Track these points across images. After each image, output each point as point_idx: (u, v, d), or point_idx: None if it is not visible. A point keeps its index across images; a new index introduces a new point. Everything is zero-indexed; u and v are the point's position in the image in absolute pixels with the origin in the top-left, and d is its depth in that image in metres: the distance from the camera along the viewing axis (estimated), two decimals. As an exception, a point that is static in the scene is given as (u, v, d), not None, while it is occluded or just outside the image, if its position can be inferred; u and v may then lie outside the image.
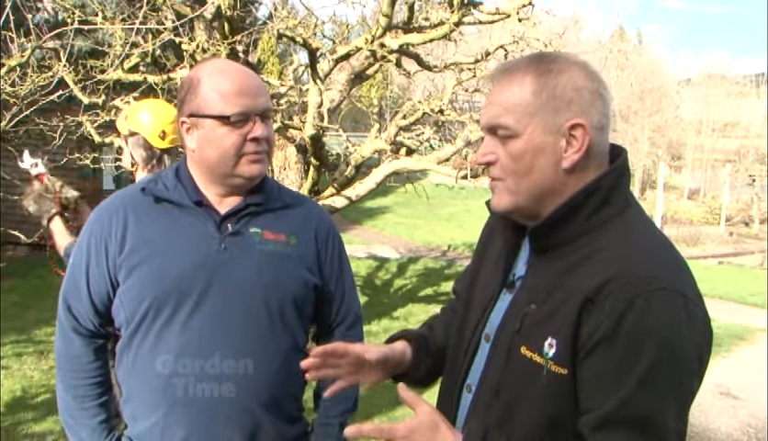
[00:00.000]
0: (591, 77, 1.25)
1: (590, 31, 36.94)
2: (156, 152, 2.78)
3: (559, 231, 1.25)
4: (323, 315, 1.88)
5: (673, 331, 1.13)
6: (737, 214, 27.46)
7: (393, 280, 11.54)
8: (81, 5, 6.66)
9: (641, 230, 1.27)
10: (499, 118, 1.26)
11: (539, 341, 1.21)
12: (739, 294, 11.82)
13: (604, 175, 1.25)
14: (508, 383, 1.27)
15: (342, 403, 1.87)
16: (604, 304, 1.14)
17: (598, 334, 1.14)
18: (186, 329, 1.62)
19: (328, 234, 1.84)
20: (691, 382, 1.17)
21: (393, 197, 19.95)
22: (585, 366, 1.16)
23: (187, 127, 1.67)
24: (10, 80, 5.42)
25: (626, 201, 1.28)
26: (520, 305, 1.29)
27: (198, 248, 1.65)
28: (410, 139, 6.92)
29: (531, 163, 1.24)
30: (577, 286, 1.19)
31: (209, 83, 1.63)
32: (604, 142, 1.27)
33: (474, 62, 6.77)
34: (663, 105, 33.80)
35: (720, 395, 6.29)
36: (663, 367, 1.12)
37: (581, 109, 1.22)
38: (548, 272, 1.26)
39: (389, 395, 5.53)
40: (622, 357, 1.12)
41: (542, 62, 1.26)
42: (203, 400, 1.63)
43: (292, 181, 6.87)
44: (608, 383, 1.14)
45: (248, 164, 1.65)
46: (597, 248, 1.22)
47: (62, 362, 1.79)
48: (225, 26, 5.60)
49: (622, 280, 1.15)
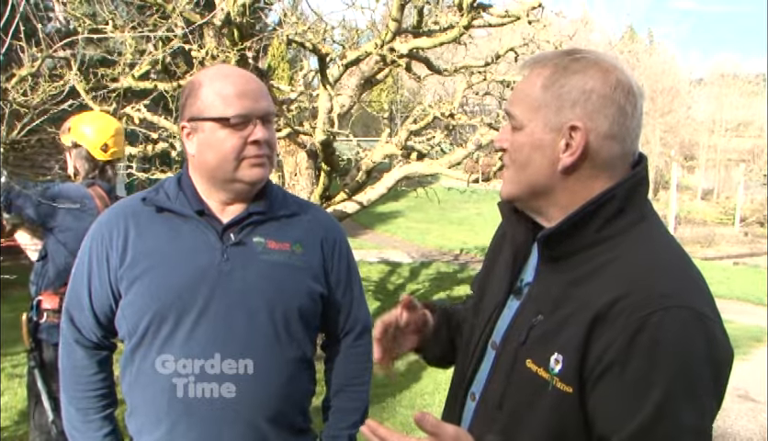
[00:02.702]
0: (608, 83, 1.19)
1: (600, 33, 36.83)
2: (99, 164, 2.83)
3: (570, 240, 1.21)
4: (330, 325, 1.85)
5: (689, 352, 1.07)
6: (751, 214, 27.26)
7: (406, 285, 11.52)
8: (92, 13, 6.69)
9: (656, 242, 1.21)
10: (511, 106, 1.27)
11: (545, 355, 1.17)
12: (756, 295, 11.71)
13: (619, 184, 1.20)
14: (512, 396, 1.24)
15: (351, 415, 1.84)
16: (616, 323, 1.09)
17: (610, 355, 1.09)
18: (189, 342, 1.60)
19: (335, 242, 1.80)
20: (710, 404, 1.11)
21: (405, 201, 19.96)
22: (598, 388, 1.11)
23: (188, 131, 1.64)
24: (22, 90, 5.44)
25: (642, 212, 1.23)
26: (527, 314, 1.25)
27: (200, 259, 1.62)
28: (420, 143, 6.90)
29: (528, 156, 1.23)
30: (587, 300, 1.14)
31: (210, 86, 1.61)
32: (614, 152, 1.20)
33: (484, 66, 6.75)
34: (675, 105, 33.63)
35: (739, 398, 6.21)
36: (680, 391, 1.06)
37: (585, 113, 1.18)
38: (557, 281, 1.22)
39: (399, 396, 5.51)
40: (637, 381, 1.08)
41: (565, 58, 1.23)
42: (205, 411, 1.60)
43: (303, 187, 6.86)
44: (624, 408, 1.09)
45: (249, 168, 1.62)
46: (609, 260, 1.17)
47: (66, 374, 1.77)
48: (234, 32, 5.60)
49: (634, 297, 1.09)
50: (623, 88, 1.19)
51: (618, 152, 1.21)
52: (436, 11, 6.45)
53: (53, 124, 6.44)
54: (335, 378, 1.87)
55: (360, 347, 1.87)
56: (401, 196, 18.67)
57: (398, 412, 5.20)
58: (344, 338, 1.87)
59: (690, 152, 35.45)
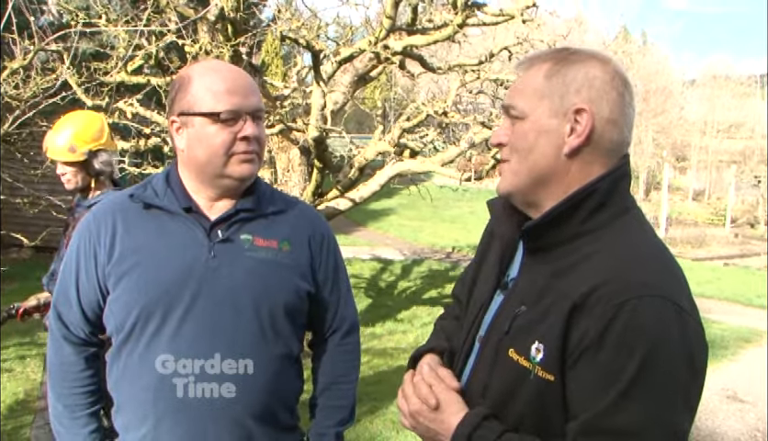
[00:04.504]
0: (608, 71, 1.24)
1: (594, 33, 36.91)
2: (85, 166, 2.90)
3: (553, 232, 1.24)
4: (318, 322, 1.85)
5: (662, 339, 1.09)
6: (742, 215, 27.41)
7: (397, 282, 11.52)
8: (85, 7, 6.66)
9: (637, 235, 1.24)
10: (512, 99, 1.29)
11: (527, 344, 1.20)
12: (745, 296, 11.75)
13: (601, 178, 1.23)
14: (494, 384, 1.27)
15: (338, 413, 1.84)
16: (593, 311, 1.12)
17: (586, 341, 1.12)
18: (176, 339, 1.59)
19: (323, 240, 1.80)
20: (683, 394, 1.12)
21: (397, 198, 19.97)
22: (573, 373, 1.14)
23: (177, 126, 1.64)
24: (13, 83, 5.42)
25: (625, 205, 1.26)
26: (511, 306, 1.28)
27: (187, 256, 1.61)
28: (413, 141, 6.91)
29: (534, 142, 1.25)
30: (566, 291, 1.17)
31: (200, 81, 1.60)
32: (614, 138, 1.25)
33: (478, 64, 6.76)
34: (668, 106, 33.73)
35: (727, 399, 6.24)
36: (650, 377, 1.08)
37: (590, 97, 1.23)
38: (540, 273, 1.25)
39: (389, 394, 5.51)
40: (608, 365, 1.10)
41: (563, 52, 1.28)
42: (192, 407, 1.59)
43: (296, 183, 6.86)
44: (594, 391, 1.11)
45: (238, 164, 1.61)
46: (590, 252, 1.20)
47: (53, 370, 1.76)
48: (228, 28, 5.59)
49: (611, 286, 1.12)
50: (620, 77, 1.25)
51: (618, 139, 1.26)
52: (431, 9, 6.46)
53: (45, 118, 6.44)
54: (322, 376, 1.86)
55: (348, 345, 1.87)
56: (394, 193, 18.67)
57: (388, 409, 5.20)
58: (331, 336, 1.86)
59: (682, 152, 35.58)
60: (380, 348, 7.26)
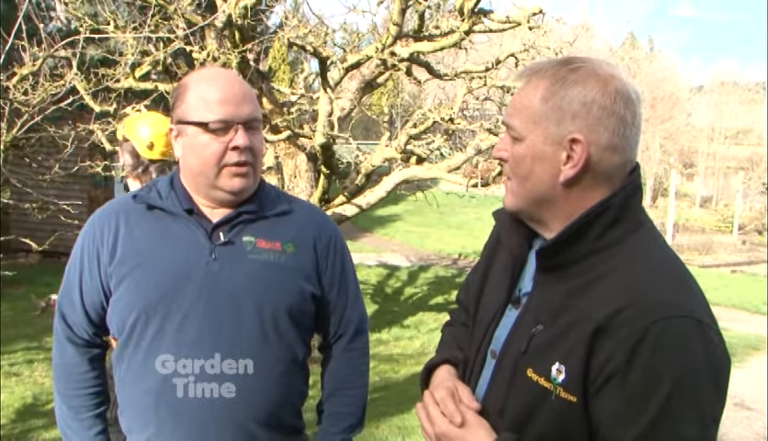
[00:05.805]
0: (608, 94, 1.18)
1: (601, 39, 36.87)
2: (143, 162, 2.83)
3: (568, 250, 1.22)
4: (324, 326, 1.82)
5: (689, 361, 1.09)
6: (750, 222, 27.23)
7: (404, 288, 11.52)
8: (93, 14, 6.69)
9: (653, 251, 1.22)
10: (510, 118, 1.26)
11: (546, 365, 1.18)
12: (753, 303, 11.70)
13: (614, 194, 1.21)
14: (513, 405, 1.25)
15: (344, 420, 1.80)
16: (618, 334, 1.10)
17: (612, 366, 1.11)
18: (176, 340, 1.59)
19: (329, 242, 1.77)
20: (711, 412, 1.13)
21: (404, 205, 19.94)
22: (600, 399, 1.13)
23: (175, 134, 1.64)
24: (23, 89, 5.45)
25: (638, 220, 1.24)
26: (526, 324, 1.26)
27: (188, 258, 1.61)
28: (420, 147, 6.91)
29: (530, 168, 1.23)
30: (587, 311, 1.15)
31: (195, 89, 1.60)
32: (615, 162, 1.21)
33: (484, 71, 6.77)
34: (675, 112, 33.58)
35: (734, 406, 6.21)
36: (680, 400, 1.08)
37: (586, 125, 1.18)
38: (556, 291, 1.23)
39: (397, 402, 5.50)
40: (638, 391, 1.09)
41: (563, 69, 1.22)
42: (193, 408, 1.59)
43: (302, 189, 6.87)
44: (623, 418, 1.10)
45: (230, 178, 1.60)
46: (607, 270, 1.18)
47: (58, 372, 1.77)
48: (236, 34, 5.62)
49: (635, 309, 1.11)
50: (622, 98, 1.19)
51: (618, 162, 1.22)
52: (437, 16, 6.47)
53: (53, 123, 6.47)
54: (328, 381, 1.84)
55: (354, 351, 1.84)
56: (401, 199, 18.62)
57: (394, 415, 5.19)
58: (337, 341, 1.84)
59: (689, 159, 35.42)
60: (387, 354, 7.26)
